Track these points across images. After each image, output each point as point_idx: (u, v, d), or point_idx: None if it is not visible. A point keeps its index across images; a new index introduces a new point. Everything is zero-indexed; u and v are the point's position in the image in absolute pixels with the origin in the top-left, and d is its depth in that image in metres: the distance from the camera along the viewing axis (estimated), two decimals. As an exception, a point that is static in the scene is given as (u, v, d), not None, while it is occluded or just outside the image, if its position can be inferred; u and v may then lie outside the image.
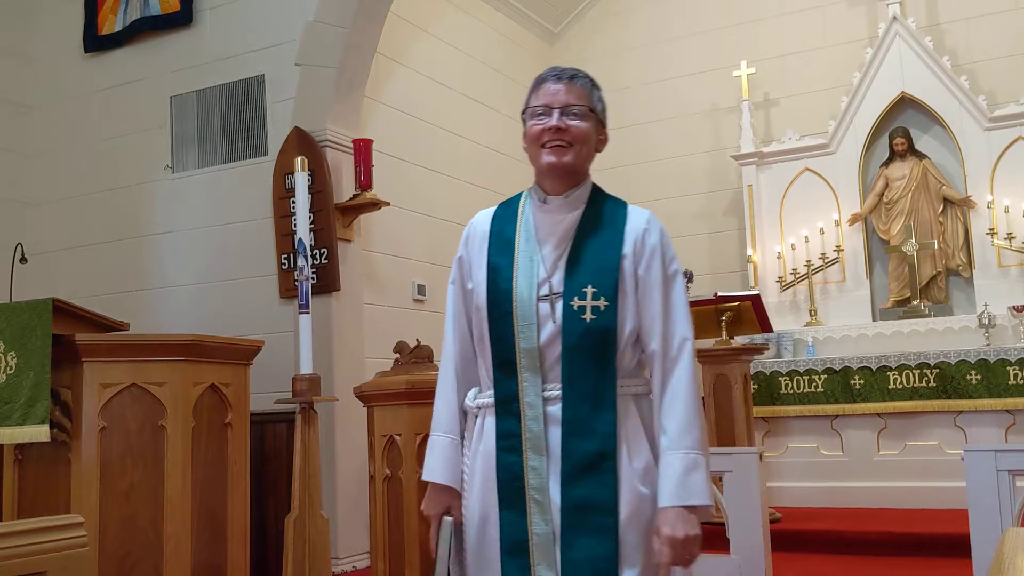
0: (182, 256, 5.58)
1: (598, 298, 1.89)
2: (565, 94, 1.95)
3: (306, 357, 4.05)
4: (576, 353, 1.88)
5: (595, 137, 2.01)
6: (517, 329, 1.91)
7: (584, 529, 1.84)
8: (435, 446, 2.05)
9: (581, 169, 1.99)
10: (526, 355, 1.90)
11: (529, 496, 1.88)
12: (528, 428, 1.89)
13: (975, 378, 5.85)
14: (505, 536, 1.90)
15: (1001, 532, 2.92)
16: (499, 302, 1.94)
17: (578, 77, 1.99)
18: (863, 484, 6.04)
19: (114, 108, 5.92)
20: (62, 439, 3.51)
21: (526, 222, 1.99)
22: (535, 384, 1.90)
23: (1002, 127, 6.41)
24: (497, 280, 1.96)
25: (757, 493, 3.74)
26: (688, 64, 7.71)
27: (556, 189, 1.98)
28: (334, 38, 5.18)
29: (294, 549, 3.91)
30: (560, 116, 1.94)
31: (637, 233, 1.95)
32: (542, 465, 1.88)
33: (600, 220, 1.97)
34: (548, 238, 1.96)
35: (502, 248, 1.98)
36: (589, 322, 1.88)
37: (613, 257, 1.92)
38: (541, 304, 1.91)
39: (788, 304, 6.95)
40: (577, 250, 1.94)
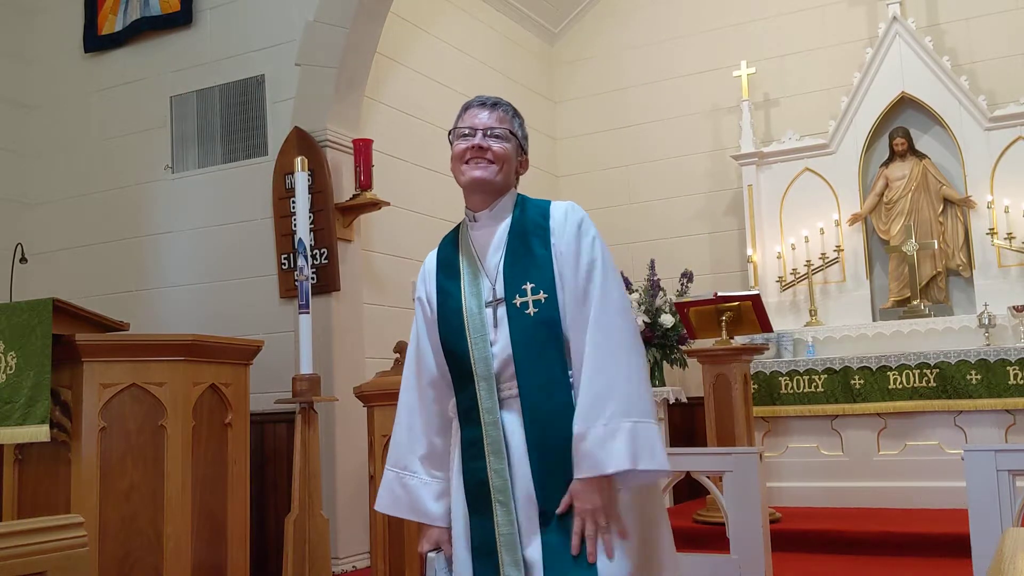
0: (182, 256, 5.58)
1: (537, 292, 2.01)
2: (488, 118, 2.13)
3: (306, 357, 4.05)
4: (526, 348, 1.98)
5: (515, 159, 2.17)
6: (471, 341, 2.04)
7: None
8: (384, 479, 2.20)
9: (502, 185, 2.14)
10: (481, 363, 2.02)
11: (494, 498, 1.97)
12: (487, 433, 1.99)
13: (975, 378, 5.85)
14: (474, 539, 2.00)
15: (1001, 532, 2.92)
16: (450, 319, 2.09)
17: (500, 104, 2.17)
18: (863, 484, 6.04)
19: (114, 108, 5.92)
20: (62, 439, 3.51)
21: (465, 245, 2.17)
22: (491, 390, 2.01)
23: (1002, 127, 6.40)
24: (447, 302, 2.12)
25: (757, 493, 3.74)
26: (688, 64, 7.70)
27: (481, 204, 2.14)
28: (334, 38, 5.18)
29: (294, 549, 3.91)
30: (483, 137, 2.11)
31: (558, 223, 2.08)
32: (503, 467, 1.97)
33: (528, 222, 2.11)
34: (484, 250, 2.13)
35: (449, 274, 2.16)
36: (533, 316, 1.99)
37: (545, 251, 2.04)
38: (490, 312, 2.05)
39: (788, 304, 6.95)
40: (512, 254, 2.07)
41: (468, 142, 2.11)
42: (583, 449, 1.89)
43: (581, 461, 1.90)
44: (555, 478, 1.93)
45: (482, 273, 2.10)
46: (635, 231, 7.69)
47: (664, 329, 6.61)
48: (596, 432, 1.88)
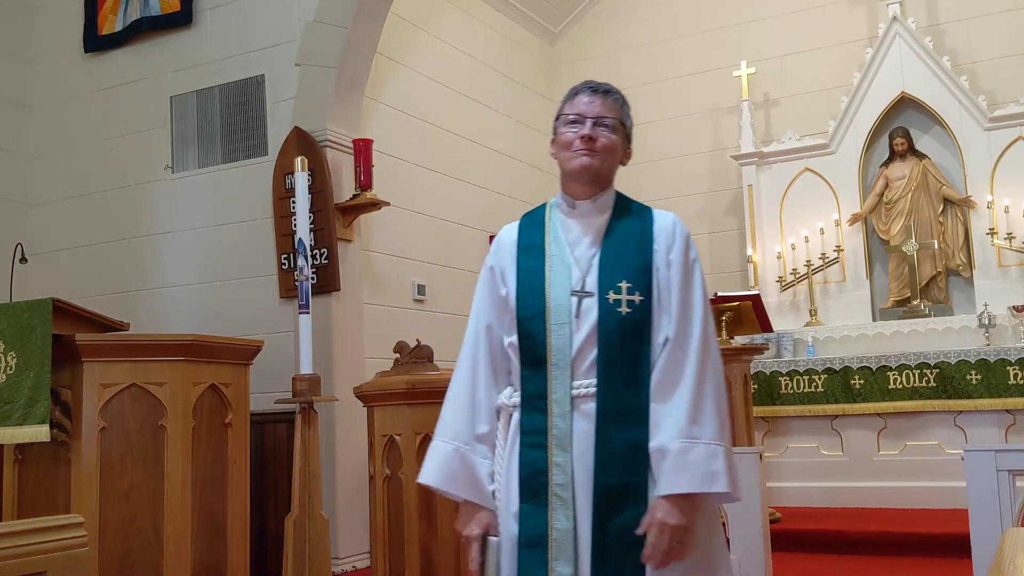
0: (182, 256, 5.58)
1: (632, 292, 1.96)
2: (599, 107, 2.05)
3: (306, 357, 4.05)
4: (612, 346, 1.93)
5: (621, 151, 2.10)
6: (549, 328, 1.96)
7: (616, 513, 1.88)
8: (436, 451, 2.07)
9: (606, 177, 2.08)
10: (557, 352, 1.95)
11: (552, 492, 1.91)
12: (555, 424, 1.93)
13: (975, 378, 5.85)
14: (524, 529, 1.93)
15: (1001, 532, 2.92)
16: (531, 303, 2.01)
17: (612, 93, 2.09)
18: (863, 484, 6.03)
19: (114, 108, 5.92)
20: (62, 439, 3.51)
21: (554, 228, 2.08)
22: (564, 382, 1.94)
23: (1002, 127, 6.41)
24: (529, 282, 2.03)
25: (757, 493, 3.74)
26: (688, 64, 7.71)
27: (583, 194, 2.07)
28: (334, 38, 5.18)
29: (294, 549, 3.91)
30: (592, 126, 2.03)
31: (666, 231, 2.04)
32: (567, 461, 1.91)
33: (629, 221, 2.06)
34: (579, 240, 2.05)
35: (532, 253, 2.06)
36: (624, 315, 1.94)
37: (646, 253, 2.01)
38: (578, 302, 1.97)
39: (788, 304, 6.95)
40: (610, 249, 2.02)
41: (576, 130, 2.03)
42: (687, 462, 1.86)
43: (679, 475, 1.86)
44: (615, 479, 1.89)
45: (571, 261, 2.02)
46: (635, 231, 7.68)
47: (664, 329, 6.60)
48: (699, 450, 1.86)
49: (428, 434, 3.69)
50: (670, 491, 1.86)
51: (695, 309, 1.97)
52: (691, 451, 1.86)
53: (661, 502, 1.87)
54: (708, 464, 1.86)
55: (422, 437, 3.71)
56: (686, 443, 1.86)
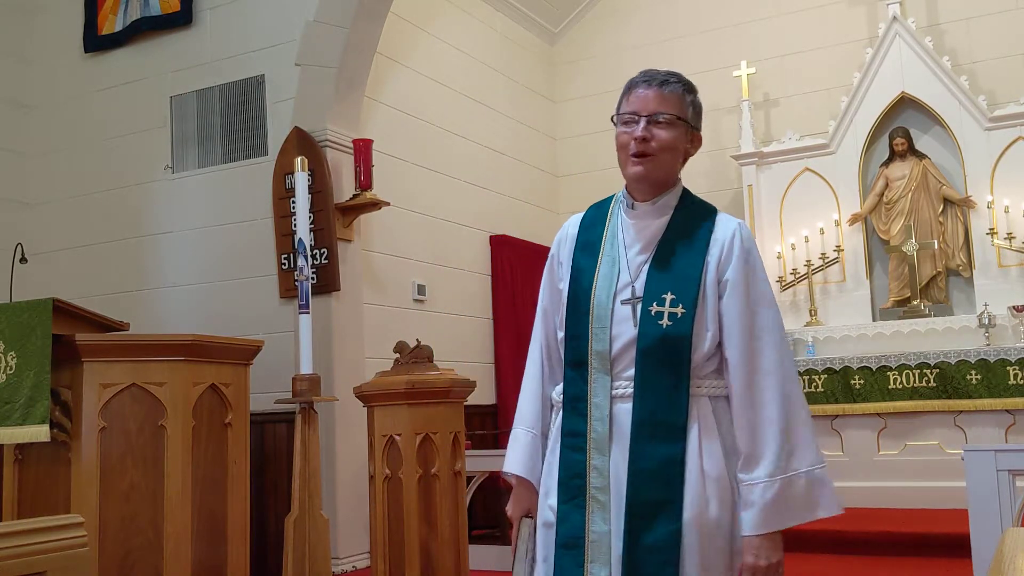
0: (182, 256, 5.58)
1: (676, 305, 1.89)
2: (654, 102, 1.95)
3: (306, 357, 4.05)
4: (650, 357, 1.88)
5: (684, 144, 2.00)
6: (592, 331, 1.93)
7: (646, 528, 1.84)
8: (515, 439, 2.10)
9: (666, 178, 2.00)
10: (597, 356, 1.92)
11: (590, 495, 1.89)
12: (593, 428, 1.91)
13: (975, 378, 5.85)
14: (562, 531, 1.92)
15: (1001, 532, 2.92)
16: (578, 302, 1.97)
17: (669, 83, 1.98)
18: (863, 484, 6.03)
19: (114, 108, 5.92)
20: (62, 439, 3.50)
21: (614, 226, 2.02)
22: (604, 385, 1.91)
23: (1002, 127, 6.40)
24: (580, 280, 1.99)
25: (757, 493, 3.73)
26: (688, 64, 7.69)
27: (643, 196, 2.00)
28: (334, 38, 5.18)
29: (294, 549, 3.91)
30: (646, 125, 1.94)
31: (723, 240, 1.94)
32: (605, 465, 1.89)
33: (687, 227, 1.97)
34: (634, 243, 1.98)
35: (588, 251, 2.02)
36: (665, 328, 1.88)
37: (696, 265, 1.92)
38: (622, 307, 1.93)
39: (788, 304, 6.95)
40: (662, 256, 1.95)
41: (630, 131, 1.95)
42: (789, 497, 1.82)
43: (787, 511, 1.82)
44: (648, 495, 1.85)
45: (623, 264, 1.96)
46: (635, 231, 7.69)
47: (664, 329, 6.60)
48: (801, 482, 1.83)
49: (428, 434, 3.72)
50: (767, 529, 1.82)
51: (763, 327, 1.89)
52: (793, 485, 1.83)
53: (753, 540, 1.83)
54: (811, 492, 1.83)
55: (422, 437, 3.71)
56: (785, 479, 1.83)
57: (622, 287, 1.94)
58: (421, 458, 3.69)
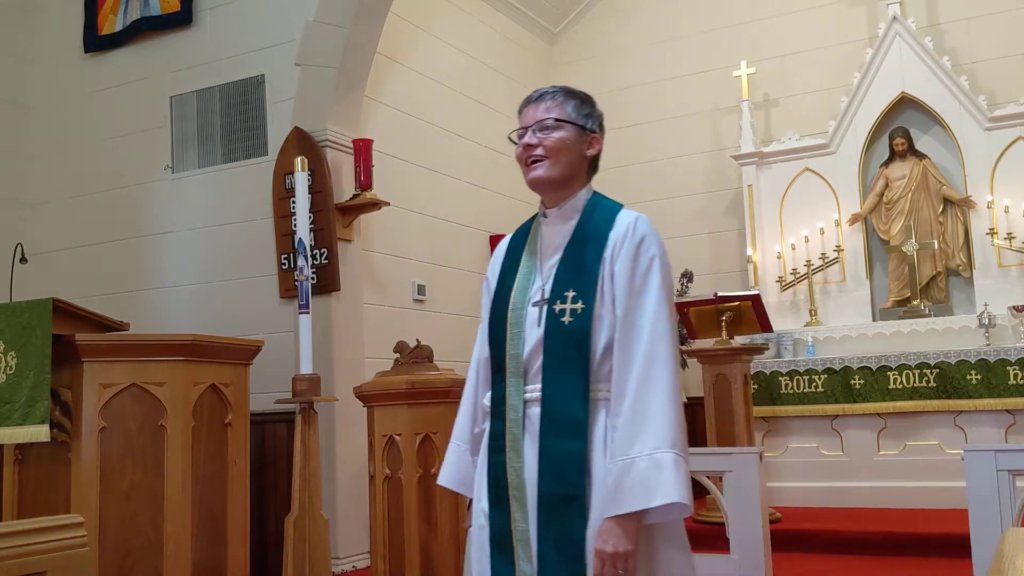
0: (182, 256, 5.58)
1: (577, 301, 1.95)
2: (535, 111, 2.06)
3: (306, 357, 4.05)
4: (555, 355, 1.95)
5: (578, 144, 2.05)
6: (509, 336, 2.01)
7: (556, 523, 1.89)
8: (447, 452, 2.22)
9: (565, 178, 2.05)
10: (513, 360, 2.00)
11: (511, 495, 1.96)
12: (510, 430, 1.98)
13: (975, 378, 5.85)
14: (492, 531, 1.99)
15: (1001, 532, 2.92)
16: (497, 310, 2.06)
17: (548, 93, 2.08)
18: (863, 484, 6.04)
19: (114, 108, 5.92)
20: (62, 439, 3.51)
21: (533, 239, 2.11)
22: (518, 387, 1.99)
23: (1002, 127, 6.40)
24: (501, 291, 2.09)
25: (757, 493, 3.74)
26: (688, 64, 7.70)
27: (550, 202, 2.08)
28: (334, 38, 5.18)
29: (294, 549, 3.91)
30: (532, 133, 2.04)
31: (617, 238, 1.98)
32: (521, 466, 1.95)
33: (591, 227, 2.03)
34: (548, 249, 2.07)
35: (511, 264, 2.12)
36: (567, 324, 1.94)
37: (596, 261, 1.97)
38: (533, 310, 2.01)
39: (788, 304, 6.95)
40: (568, 257, 2.02)
41: (521, 143, 2.07)
42: (631, 479, 1.81)
43: (617, 495, 1.82)
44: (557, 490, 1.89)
45: (537, 270, 2.06)
46: (635, 231, 7.68)
47: (664, 329, 6.59)
48: (641, 465, 1.81)
49: (428, 434, 3.72)
50: (608, 514, 1.83)
51: (641, 315, 1.91)
52: (631, 469, 1.81)
53: (604, 525, 1.84)
54: (650, 478, 1.80)
55: (422, 437, 3.71)
56: (625, 462, 1.82)
57: (535, 291, 2.03)
58: (421, 458, 3.69)
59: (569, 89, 2.10)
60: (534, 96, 2.09)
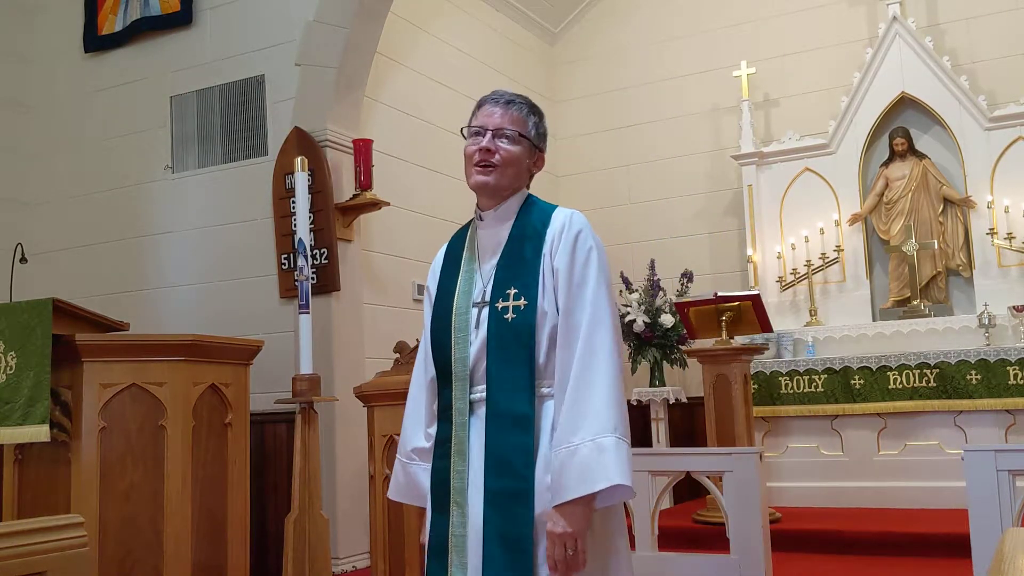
0: (182, 256, 5.58)
1: (519, 298, 1.97)
2: (500, 117, 2.07)
3: (306, 357, 4.05)
4: (498, 353, 1.96)
5: (527, 160, 2.10)
6: (454, 340, 2.02)
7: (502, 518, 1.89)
8: (395, 466, 2.23)
9: (509, 188, 2.09)
10: (460, 363, 2.01)
11: (452, 499, 1.96)
12: (456, 434, 1.98)
13: (975, 378, 5.85)
14: (431, 537, 2.00)
15: (1001, 532, 2.92)
16: (440, 316, 2.08)
17: (515, 103, 2.09)
18: (863, 484, 6.03)
19: (114, 108, 5.92)
20: (62, 439, 3.51)
21: (471, 243, 2.14)
22: (464, 390, 1.99)
23: (1002, 127, 6.40)
24: (442, 298, 2.10)
25: (757, 493, 3.74)
26: (688, 64, 7.70)
27: (487, 205, 2.11)
28: (334, 38, 5.18)
29: (294, 549, 3.91)
30: (492, 139, 2.05)
31: (553, 233, 2.01)
32: (465, 468, 1.96)
33: (528, 227, 2.05)
34: (486, 251, 2.09)
35: (450, 270, 2.13)
36: (510, 321, 1.96)
37: (535, 258, 2.00)
38: (476, 312, 2.02)
39: (788, 304, 6.95)
40: (506, 258, 2.04)
41: (477, 143, 2.07)
42: (574, 465, 1.83)
43: (570, 480, 1.84)
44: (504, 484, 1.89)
45: (477, 273, 2.07)
46: (635, 231, 7.70)
47: (664, 329, 6.61)
48: (584, 451, 1.83)
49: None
50: (556, 501, 1.85)
51: (581, 307, 1.93)
52: (574, 456, 1.84)
53: (551, 512, 1.86)
54: (592, 463, 1.83)
55: (422, 437, 3.70)
56: (567, 450, 1.85)
57: (477, 294, 2.04)
58: (421, 458, 3.69)
59: (532, 103, 2.14)
60: (500, 99, 2.09)
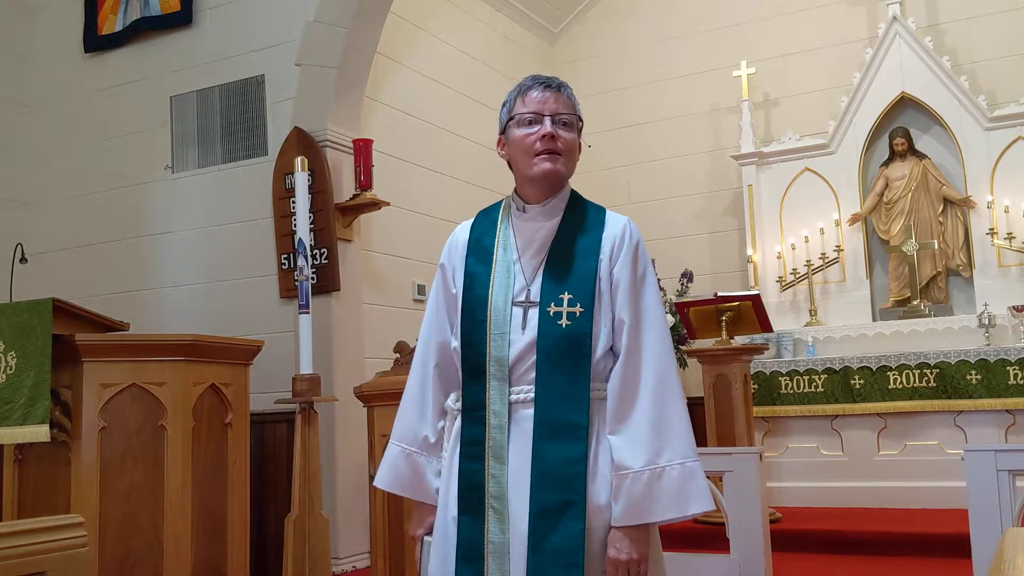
0: (182, 256, 5.58)
1: (574, 304, 1.89)
2: (553, 101, 1.95)
3: (306, 357, 4.05)
4: (550, 358, 1.87)
5: (578, 146, 2.01)
6: (490, 337, 1.92)
7: (551, 531, 1.82)
8: (388, 454, 2.10)
9: (568, 176, 2.00)
10: (496, 363, 1.91)
11: (488, 504, 1.88)
12: (492, 436, 1.89)
13: (975, 378, 5.85)
14: (461, 542, 1.90)
15: (1001, 532, 2.92)
16: (474, 310, 1.96)
17: (564, 87, 1.99)
18: (863, 484, 6.03)
19: (114, 108, 5.92)
20: (62, 439, 3.51)
21: (505, 231, 2.02)
22: (502, 392, 1.90)
23: (1002, 127, 6.40)
24: (474, 288, 1.98)
25: (757, 493, 3.74)
26: (688, 64, 7.70)
27: (538, 197, 1.99)
28: (334, 38, 5.18)
29: (294, 549, 3.91)
30: (552, 124, 1.93)
31: (614, 238, 1.95)
32: (503, 473, 1.87)
33: (579, 227, 1.97)
34: (528, 246, 1.98)
35: (481, 257, 2.00)
36: (565, 328, 1.88)
37: (591, 263, 1.93)
38: (519, 312, 1.92)
39: (788, 304, 6.95)
40: (555, 257, 1.95)
41: (536, 130, 1.92)
42: (663, 488, 1.79)
43: (655, 503, 1.79)
44: (552, 496, 1.83)
45: (517, 268, 1.96)
46: (635, 231, 7.69)
47: (664, 329, 6.60)
48: (674, 473, 1.80)
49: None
50: (635, 522, 1.80)
51: (647, 321, 1.89)
52: (663, 478, 1.80)
53: (616, 534, 1.82)
54: (685, 486, 1.80)
55: (422, 437, 3.70)
56: (655, 471, 1.80)
57: (519, 291, 1.94)
58: (421, 458, 3.69)
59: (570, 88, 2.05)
60: (553, 83, 1.97)
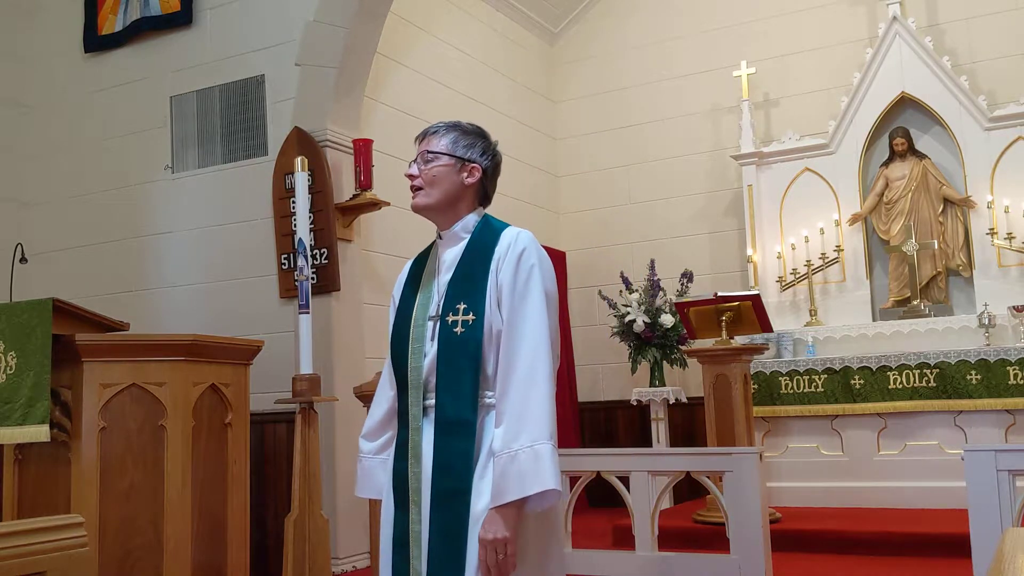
0: (182, 256, 5.58)
1: (468, 313, 2.12)
2: (420, 146, 2.28)
3: (306, 357, 4.05)
4: (448, 363, 2.10)
5: (454, 174, 2.23)
6: (411, 350, 2.18)
7: (443, 517, 2.05)
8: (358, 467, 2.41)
9: (443, 204, 2.24)
10: (414, 372, 2.16)
11: (411, 498, 2.13)
12: (411, 438, 2.15)
13: (975, 378, 5.85)
14: (395, 532, 2.16)
15: (1001, 532, 2.92)
16: (399, 327, 2.25)
17: (431, 130, 2.28)
18: (863, 484, 6.03)
19: (114, 108, 5.92)
20: (62, 439, 3.51)
21: (432, 260, 2.32)
22: (418, 398, 2.15)
23: (1002, 127, 6.40)
24: (403, 310, 2.27)
25: (757, 493, 3.74)
26: (688, 64, 7.70)
27: (441, 225, 2.28)
28: (334, 38, 5.18)
29: (294, 549, 3.91)
30: (414, 164, 2.26)
31: (500, 252, 2.15)
32: (420, 469, 2.12)
33: (480, 246, 2.20)
34: (443, 269, 2.24)
35: (411, 284, 2.31)
36: (460, 335, 2.11)
37: (483, 276, 2.14)
38: (431, 326, 2.18)
39: (788, 304, 6.95)
40: (458, 274, 2.19)
41: (406, 173, 2.28)
42: (513, 470, 1.96)
43: (509, 484, 1.96)
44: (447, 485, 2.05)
45: (435, 288, 2.22)
46: (635, 231, 7.70)
47: (664, 329, 6.61)
48: (523, 457, 1.96)
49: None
50: (493, 504, 2.00)
51: (523, 320, 2.06)
52: (514, 461, 1.97)
53: (487, 515, 2.00)
54: (530, 467, 1.96)
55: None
56: (508, 455, 1.98)
57: (433, 308, 2.20)
58: (421, 458, 3.69)
59: (455, 124, 2.30)
60: (419, 136, 2.30)
